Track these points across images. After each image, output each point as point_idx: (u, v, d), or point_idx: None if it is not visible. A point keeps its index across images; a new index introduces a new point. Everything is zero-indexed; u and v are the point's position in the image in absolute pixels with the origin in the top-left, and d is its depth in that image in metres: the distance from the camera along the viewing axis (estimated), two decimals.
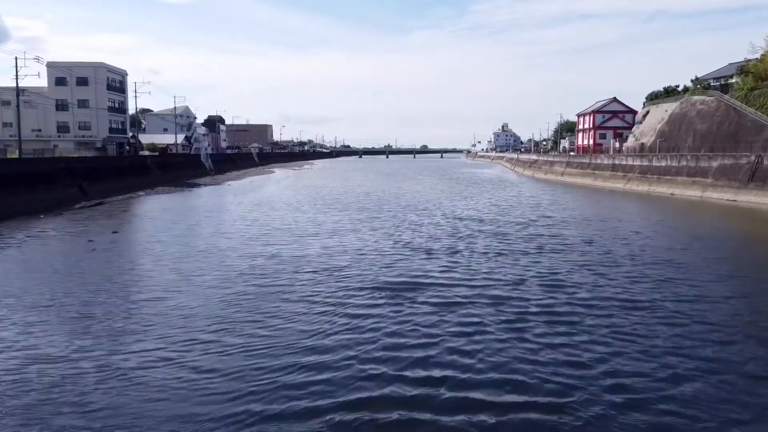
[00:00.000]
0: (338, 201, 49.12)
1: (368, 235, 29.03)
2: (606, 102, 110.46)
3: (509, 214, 38.72)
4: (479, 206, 44.27)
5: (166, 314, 15.34)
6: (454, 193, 57.84)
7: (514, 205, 44.89)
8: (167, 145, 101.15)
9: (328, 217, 36.63)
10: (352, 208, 42.85)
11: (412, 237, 28.53)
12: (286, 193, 59.34)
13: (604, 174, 75.27)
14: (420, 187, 68.05)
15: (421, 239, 27.86)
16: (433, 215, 37.91)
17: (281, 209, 42.07)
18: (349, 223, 34.14)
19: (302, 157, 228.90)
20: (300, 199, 51.68)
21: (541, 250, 24.95)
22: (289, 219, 35.95)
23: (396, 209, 41.82)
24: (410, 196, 54.45)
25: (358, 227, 32.16)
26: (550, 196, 55.33)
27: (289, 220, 35.59)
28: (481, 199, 50.48)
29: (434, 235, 29.03)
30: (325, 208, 42.55)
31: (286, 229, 31.59)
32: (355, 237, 28.64)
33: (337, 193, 58.71)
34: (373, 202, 48.08)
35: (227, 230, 31.09)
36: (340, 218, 36.29)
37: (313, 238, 28.36)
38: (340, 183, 77.05)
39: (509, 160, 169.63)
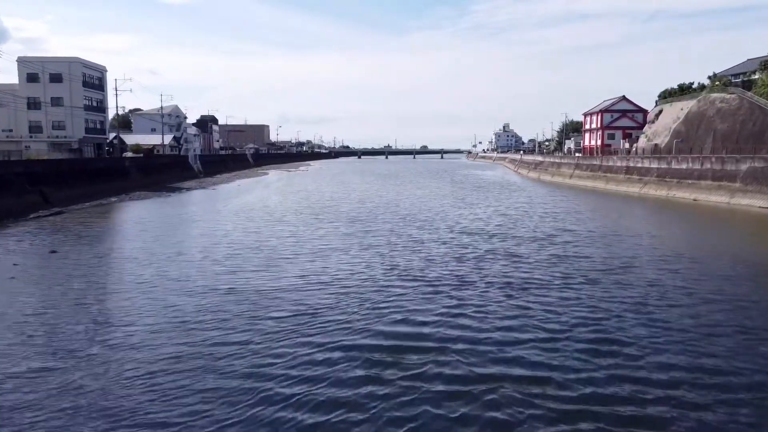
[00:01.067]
0: (329, 209, 44.01)
1: (358, 258, 23.92)
2: (614, 100, 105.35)
3: (522, 226, 33.61)
4: (487, 215, 39.19)
5: (49, 393, 10.24)
6: (457, 199, 52.77)
7: (525, 215, 39.79)
8: (153, 146, 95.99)
9: (312, 232, 31.50)
10: (342, 218, 37.73)
11: (411, 260, 23.42)
12: (274, 198, 54.22)
13: (617, 177, 70.19)
14: (420, 191, 62.95)
15: (421, 264, 22.75)
16: (436, 228, 32.80)
17: (261, 220, 36.95)
18: (337, 239, 29.01)
19: (299, 157, 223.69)
20: (287, 206, 46.59)
21: (570, 279, 19.87)
22: (267, 234, 30.80)
23: (393, 220, 36.69)
24: (409, 203, 49.35)
25: (346, 245, 27.05)
26: (563, 203, 50.22)
27: (267, 235, 30.44)
28: (488, 207, 45.38)
29: (437, 258, 23.93)
30: (311, 219, 37.43)
31: (260, 248, 26.45)
32: (341, 260, 23.53)
33: (329, 198, 53.60)
34: (367, 210, 42.96)
35: (187, 251, 25.96)
36: (327, 232, 31.16)
37: (289, 262, 23.21)
38: (334, 187, 71.92)
39: (512, 161, 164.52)
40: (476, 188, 68.39)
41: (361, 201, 50.69)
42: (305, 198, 54.63)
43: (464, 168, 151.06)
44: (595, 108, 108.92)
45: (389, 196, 56.57)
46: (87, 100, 70.18)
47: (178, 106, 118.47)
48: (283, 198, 54.78)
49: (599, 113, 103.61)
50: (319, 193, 59.96)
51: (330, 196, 55.97)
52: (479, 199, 52.40)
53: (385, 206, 45.86)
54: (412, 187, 70.79)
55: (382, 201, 50.52)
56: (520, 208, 44.75)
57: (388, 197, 54.82)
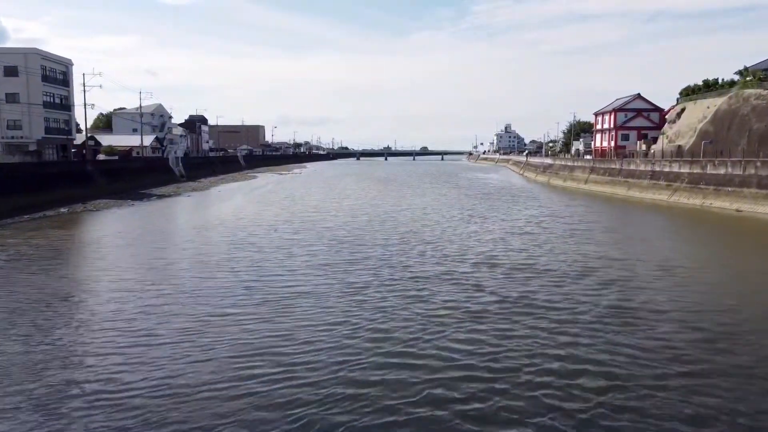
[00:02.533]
0: (311, 224, 36.47)
1: (329, 317, 16.26)
2: (628, 99, 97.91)
3: (557, 253, 26.03)
4: (504, 234, 31.65)
5: None
6: (464, 209, 45.24)
7: (550, 234, 32.26)
8: (131, 147, 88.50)
9: (279, 264, 23.85)
10: (324, 239, 30.13)
11: (409, 322, 15.84)
12: (251, 209, 46.66)
13: (641, 183, 62.71)
14: (421, 200, 55.39)
15: (423, 325, 15.23)
16: (444, 256, 25.19)
17: (221, 243, 29.28)
18: (309, 276, 21.35)
19: (296, 159, 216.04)
20: (263, 219, 39.05)
21: (670, 366, 12.37)
22: (214, 268, 22.96)
23: (389, 243, 29.08)
24: (410, 215, 41.80)
25: (319, 289, 19.44)
26: (588, 215, 42.72)
27: (212, 270, 22.64)
28: (503, 221, 37.87)
29: (450, 314, 16.39)
30: (285, 240, 29.85)
31: (192, 295, 18.86)
32: (301, 322, 15.90)
33: (315, 209, 46.04)
34: (358, 227, 35.42)
35: (86, 299, 18.43)
36: (298, 265, 23.51)
37: (221, 326, 15.56)
38: (325, 193, 64.38)
39: (516, 163, 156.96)
40: (484, 196, 60.87)
41: (353, 213, 43.13)
42: (288, 208, 47.09)
43: (466, 170, 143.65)
44: (608, 107, 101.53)
45: (386, 205, 49.02)
46: (48, 97, 62.53)
47: (163, 104, 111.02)
48: (262, 208, 47.21)
49: (612, 112, 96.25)
50: (305, 202, 52.39)
51: (317, 206, 48.41)
52: (490, 210, 44.86)
53: (381, 221, 38.33)
54: (413, 194, 63.24)
55: (377, 213, 42.97)
56: (541, 223, 37.22)
57: (384, 207, 47.28)
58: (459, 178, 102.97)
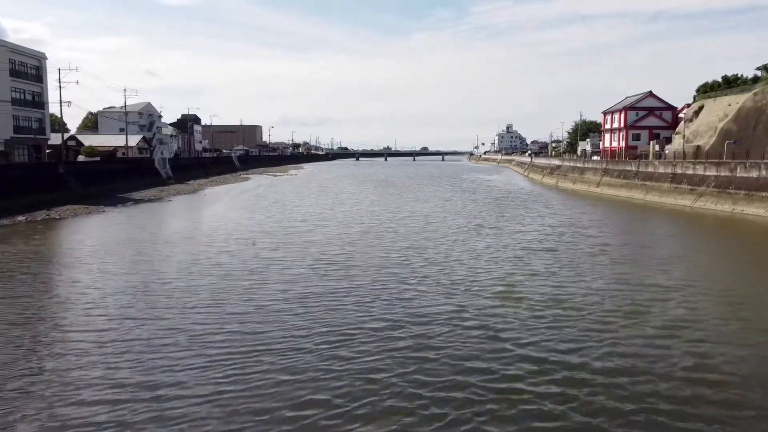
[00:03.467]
0: (295, 238, 31.58)
1: (290, 402, 11.46)
2: (640, 96, 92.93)
3: (590, 280, 21.15)
4: (524, 252, 26.73)
5: None
6: (471, 217, 40.35)
7: (579, 251, 27.36)
8: (115, 148, 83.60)
9: (243, 298, 18.93)
10: (308, 260, 25.22)
11: (411, 409, 10.98)
12: (231, 217, 41.74)
13: (660, 186, 57.87)
14: (424, 206, 50.47)
15: (432, 409, 10.41)
16: (453, 286, 20.29)
17: (180, 266, 24.23)
18: (275, 323, 16.33)
19: (293, 160, 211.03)
20: (242, 230, 34.15)
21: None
22: (152, 311, 17.98)
23: (386, 266, 24.15)
24: (411, 226, 36.88)
25: (283, 346, 14.54)
26: (615, 226, 37.87)
27: (150, 313, 17.69)
28: (519, 234, 32.97)
29: (465, 401, 11.54)
30: (259, 261, 24.92)
31: (114, 346, 14.05)
32: (249, 414, 11.07)
33: (304, 218, 41.15)
34: (349, 242, 30.55)
35: None
36: (267, 302, 18.56)
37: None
38: (318, 198, 59.51)
39: (520, 164, 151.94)
40: (491, 201, 55.96)
41: (346, 223, 38.22)
42: (274, 216, 42.20)
43: (468, 172, 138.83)
44: (617, 105, 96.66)
45: (385, 213, 44.12)
46: (17, 93, 57.64)
47: (151, 103, 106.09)
48: (245, 216, 42.30)
49: (622, 111, 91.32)
50: (294, 209, 47.49)
51: (307, 214, 43.50)
52: (501, 219, 39.97)
53: (378, 233, 33.43)
54: (414, 198, 58.32)
55: (374, 223, 38.06)
56: (562, 236, 32.29)
57: (382, 216, 42.38)
58: (461, 180, 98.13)
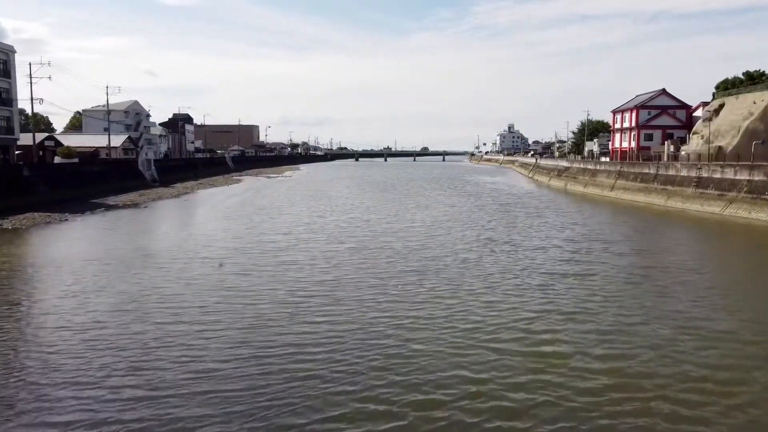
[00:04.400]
0: (272, 258, 26.58)
1: None
2: (652, 94, 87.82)
3: (646, 324, 16.21)
4: (550, 279, 21.76)
5: None
6: (479, 228, 35.35)
7: (617, 279, 22.41)
8: (96, 148, 78.57)
9: (182, 359, 14.00)
10: (282, 290, 20.26)
11: None
12: (207, 228, 36.73)
13: (683, 191, 52.93)
14: (426, 215, 45.48)
15: None
16: (469, 336, 15.31)
17: (123, 297, 19.34)
18: (218, 409, 11.59)
19: (290, 160, 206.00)
20: (213, 246, 29.16)
21: None
22: (59, 369, 13.29)
23: (381, 302, 19.17)
24: (413, 241, 31.81)
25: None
26: (648, 240, 32.85)
27: (57, 373, 12.96)
28: (538, 252, 28.01)
29: None
30: (221, 292, 20.00)
31: None
32: None
33: (288, 231, 36.14)
34: (340, 264, 25.56)
35: None
36: (214, 367, 13.69)
37: None
38: (310, 204, 54.53)
39: (523, 165, 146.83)
40: (499, 207, 50.96)
41: (338, 236, 33.17)
42: (256, 226, 37.17)
43: (471, 173, 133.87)
44: (628, 104, 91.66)
45: (382, 223, 39.09)
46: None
47: (138, 101, 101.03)
48: (223, 227, 37.27)
49: (634, 110, 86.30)
50: (280, 217, 42.48)
51: (292, 225, 38.47)
52: (513, 230, 34.94)
53: (373, 250, 28.41)
54: (415, 205, 53.24)
55: (369, 236, 33.04)
56: (590, 253, 27.30)
57: (380, 226, 37.37)
58: (464, 182, 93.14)
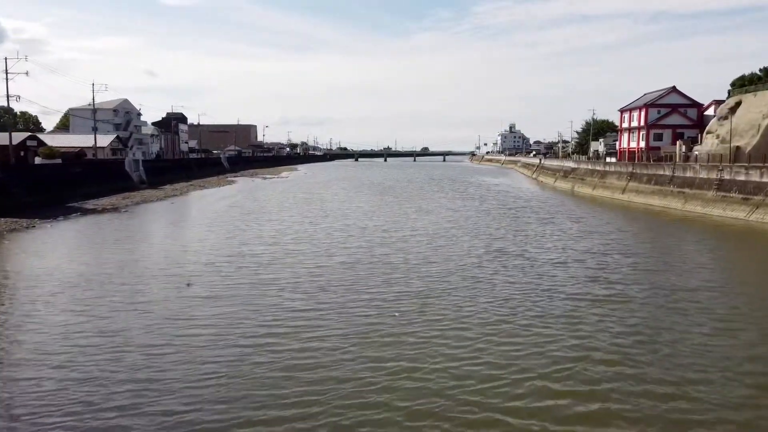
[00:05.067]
0: (245, 277, 23.00)
1: None
2: (662, 92, 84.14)
3: (728, 395, 12.66)
4: (586, 314, 18.18)
5: None
6: (487, 236, 31.72)
7: (664, 304, 18.80)
8: (81, 148, 74.95)
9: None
10: (254, 322, 16.65)
11: None
12: (182, 238, 33.13)
13: (703, 195, 49.34)
14: (427, 221, 41.87)
15: None
16: (487, 402, 11.80)
17: (47, 332, 15.85)
18: None
19: (288, 161, 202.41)
20: (184, 260, 25.56)
21: None
22: None
23: (374, 350, 15.60)
24: (413, 254, 28.19)
25: None
26: (681, 250, 29.18)
27: None
28: (559, 269, 24.43)
29: None
30: (174, 324, 16.40)
31: None
32: None
33: (275, 239, 32.56)
34: (326, 286, 21.92)
35: None
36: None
37: None
38: (302, 208, 50.95)
39: (526, 165, 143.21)
40: (506, 212, 47.32)
41: (327, 248, 29.46)
42: (237, 235, 33.52)
43: (472, 174, 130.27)
44: (636, 102, 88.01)
45: (379, 232, 35.45)
46: None
47: (128, 100, 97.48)
48: (201, 236, 33.60)
49: (643, 108, 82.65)
50: (268, 224, 38.86)
51: (279, 233, 34.83)
52: (526, 240, 31.26)
53: (367, 266, 24.76)
54: (415, 209, 49.56)
55: (363, 249, 29.35)
56: (617, 271, 23.67)
57: (376, 236, 33.72)
58: (466, 184, 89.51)
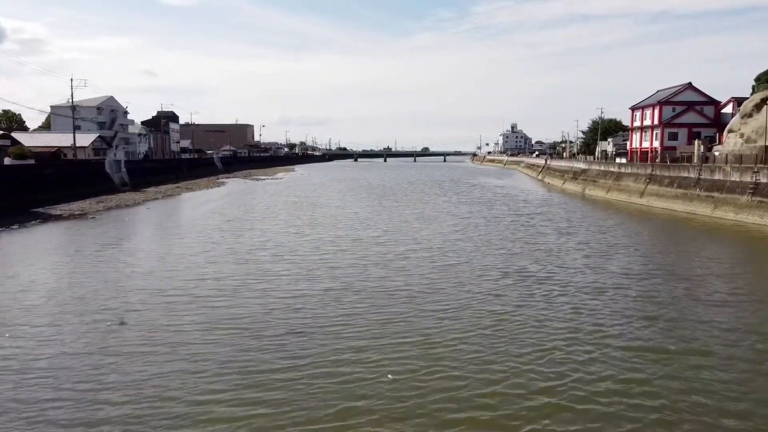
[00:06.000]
0: (191, 323, 18.13)
1: None
2: (677, 89, 79.22)
3: None
4: (650, 377, 13.33)
5: None
6: (503, 254, 26.83)
7: (756, 362, 13.91)
8: (58, 148, 70.13)
9: None
10: (197, 386, 11.87)
11: None
12: (140, 255, 28.22)
13: (736, 199, 44.44)
14: (430, 232, 36.91)
15: None
16: None
17: None
18: None
19: (286, 161, 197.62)
20: (120, 294, 20.75)
21: None
22: None
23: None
24: (415, 281, 23.28)
25: None
26: (742, 269, 24.18)
27: None
28: (600, 302, 19.47)
29: None
30: (75, 395, 11.60)
31: None
32: None
33: (245, 259, 27.61)
34: (296, 337, 16.98)
35: None
36: None
37: None
38: (289, 215, 46.02)
39: (530, 166, 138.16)
40: (519, 220, 42.34)
41: (312, 268, 24.50)
42: (208, 250, 28.57)
43: (475, 175, 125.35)
44: (649, 99, 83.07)
45: (375, 245, 30.46)
46: None
47: (114, 97, 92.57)
48: (163, 250, 28.70)
49: (656, 106, 77.73)
50: (247, 234, 33.92)
51: (257, 246, 29.88)
52: (547, 256, 26.34)
53: (355, 297, 19.83)
54: (416, 216, 44.53)
55: (354, 267, 24.43)
56: (675, 303, 18.70)
57: (370, 251, 28.74)
58: (470, 186, 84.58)
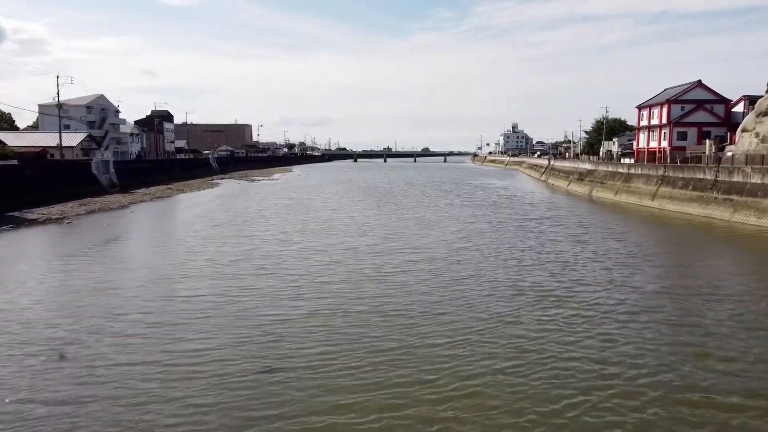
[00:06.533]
0: (141, 362, 15.27)
1: None
2: (686, 87, 76.22)
3: None
4: None
5: None
6: (516, 269, 24.00)
7: None
8: (44, 148, 67.34)
9: None
10: None
11: None
12: (104, 266, 25.36)
13: (758, 203, 41.56)
14: (432, 239, 33.99)
15: None
16: None
17: None
18: None
19: (284, 161, 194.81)
20: (70, 323, 17.93)
21: None
22: None
23: None
24: (420, 299, 20.39)
25: None
26: None
27: None
28: (642, 333, 16.58)
29: None
30: None
31: None
32: None
33: (226, 273, 24.75)
34: (271, 390, 14.21)
35: None
36: None
37: None
38: (280, 220, 43.17)
39: (532, 167, 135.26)
40: (525, 223, 39.46)
41: (297, 285, 21.66)
42: (186, 261, 25.73)
43: (476, 176, 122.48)
44: (657, 98, 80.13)
45: (371, 256, 27.56)
46: None
47: (105, 95, 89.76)
48: (135, 262, 25.84)
49: (665, 105, 74.79)
50: (231, 242, 31.02)
51: (240, 257, 27.00)
52: (564, 268, 23.50)
53: (347, 325, 16.98)
54: (416, 222, 41.62)
55: (347, 284, 21.56)
56: (731, 337, 15.98)
57: (366, 263, 25.86)
58: (472, 187, 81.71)
